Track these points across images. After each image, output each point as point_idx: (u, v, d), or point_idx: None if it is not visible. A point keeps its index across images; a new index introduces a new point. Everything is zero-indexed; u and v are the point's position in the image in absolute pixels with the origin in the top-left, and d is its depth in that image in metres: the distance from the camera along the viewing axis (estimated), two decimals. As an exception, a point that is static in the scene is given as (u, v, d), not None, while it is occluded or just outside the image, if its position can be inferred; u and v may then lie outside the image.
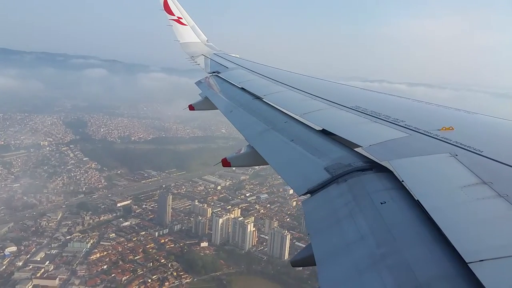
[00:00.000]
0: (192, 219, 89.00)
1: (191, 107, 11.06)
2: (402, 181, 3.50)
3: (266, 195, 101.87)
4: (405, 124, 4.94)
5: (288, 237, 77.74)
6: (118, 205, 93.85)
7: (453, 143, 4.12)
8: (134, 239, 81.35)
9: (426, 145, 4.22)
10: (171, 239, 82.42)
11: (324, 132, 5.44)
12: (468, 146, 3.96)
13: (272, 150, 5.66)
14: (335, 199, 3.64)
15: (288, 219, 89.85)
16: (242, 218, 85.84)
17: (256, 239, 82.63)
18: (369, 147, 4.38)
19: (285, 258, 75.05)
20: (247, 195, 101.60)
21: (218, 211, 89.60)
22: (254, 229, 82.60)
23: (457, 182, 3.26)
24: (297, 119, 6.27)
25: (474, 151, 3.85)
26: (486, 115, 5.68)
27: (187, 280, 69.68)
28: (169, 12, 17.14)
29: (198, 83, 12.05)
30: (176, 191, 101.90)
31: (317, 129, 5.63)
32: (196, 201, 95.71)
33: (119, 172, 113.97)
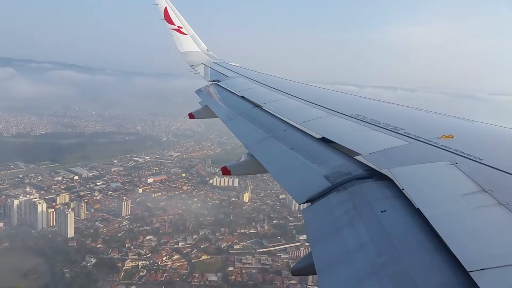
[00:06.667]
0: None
1: (191, 116, 11.07)
2: (402, 189, 3.49)
3: (119, 184, 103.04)
4: (405, 132, 4.94)
5: (71, 215, 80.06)
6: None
7: (453, 151, 4.11)
8: None
9: (426, 153, 4.22)
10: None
11: (324, 140, 5.44)
12: (468, 154, 3.96)
13: (272, 158, 5.65)
14: (335, 208, 3.62)
15: (115, 204, 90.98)
16: (37, 198, 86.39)
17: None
18: (369, 155, 4.38)
19: (69, 236, 78.43)
20: (98, 184, 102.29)
21: (48, 197, 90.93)
22: (52, 210, 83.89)
23: (457, 190, 3.25)
24: (296, 127, 6.27)
25: (474, 159, 3.85)
26: (486, 123, 5.68)
27: None
28: (170, 21, 17.26)
29: (198, 92, 12.09)
30: (28, 181, 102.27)
31: (317, 137, 5.63)
32: (28, 187, 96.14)
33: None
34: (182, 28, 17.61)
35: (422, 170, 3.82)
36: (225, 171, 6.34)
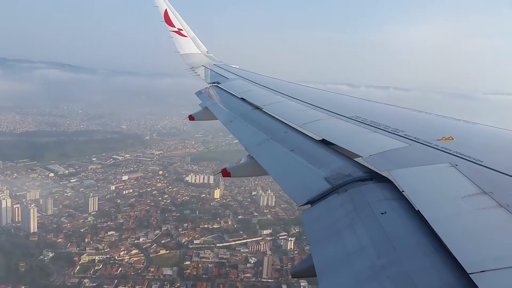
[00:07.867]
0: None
1: (191, 117, 11.07)
2: (403, 191, 3.49)
3: (92, 181, 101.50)
4: (405, 134, 4.94)
5: (33, 210, 78.63)
6: None
7: (453, 153, 4.11)
8: None
9: (426, 155, 4.22)
10: None
11: (324, 142, 5.44)
12: (468, 156, 3.96)
13: (272, 160, 5.65)
14: (335, 209, 3.62)
15: (82, 201, 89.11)
16: (2, 194, 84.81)
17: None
18: (369, 157, 4.38)
19: (32, 231, 77.10)
20: (72, 180, 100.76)
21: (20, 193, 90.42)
22: (18, 206, 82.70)
23: (457, 192, 3.25)
24: (297, 129, 6.28)
25: (474, 161, 3.85)
26: (486, 125, 5.69)
27: None
28: (170, 23, 17.30)
29: (198, 93, 12.09)
30: (2, 178, 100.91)
31: (317, 139, 5.63)
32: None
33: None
34: (182, 30, 17.65)
35: (422, 172, 3.82)
36: (225, 173, 6.32)
